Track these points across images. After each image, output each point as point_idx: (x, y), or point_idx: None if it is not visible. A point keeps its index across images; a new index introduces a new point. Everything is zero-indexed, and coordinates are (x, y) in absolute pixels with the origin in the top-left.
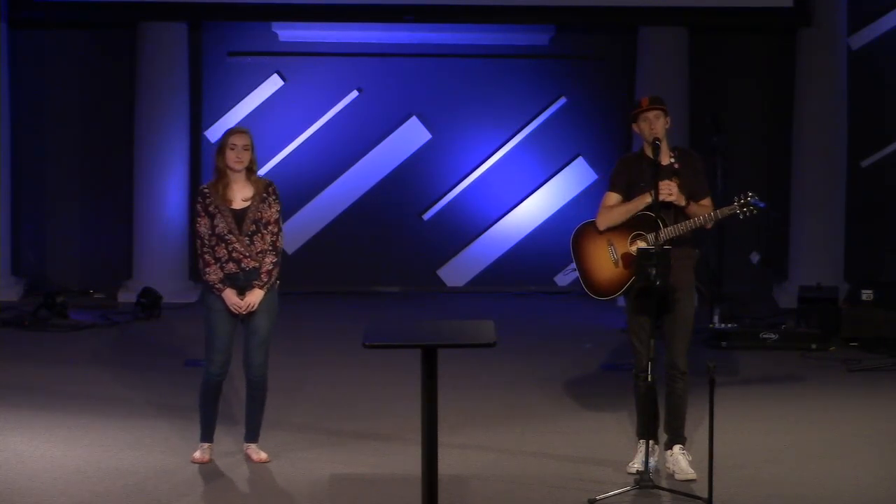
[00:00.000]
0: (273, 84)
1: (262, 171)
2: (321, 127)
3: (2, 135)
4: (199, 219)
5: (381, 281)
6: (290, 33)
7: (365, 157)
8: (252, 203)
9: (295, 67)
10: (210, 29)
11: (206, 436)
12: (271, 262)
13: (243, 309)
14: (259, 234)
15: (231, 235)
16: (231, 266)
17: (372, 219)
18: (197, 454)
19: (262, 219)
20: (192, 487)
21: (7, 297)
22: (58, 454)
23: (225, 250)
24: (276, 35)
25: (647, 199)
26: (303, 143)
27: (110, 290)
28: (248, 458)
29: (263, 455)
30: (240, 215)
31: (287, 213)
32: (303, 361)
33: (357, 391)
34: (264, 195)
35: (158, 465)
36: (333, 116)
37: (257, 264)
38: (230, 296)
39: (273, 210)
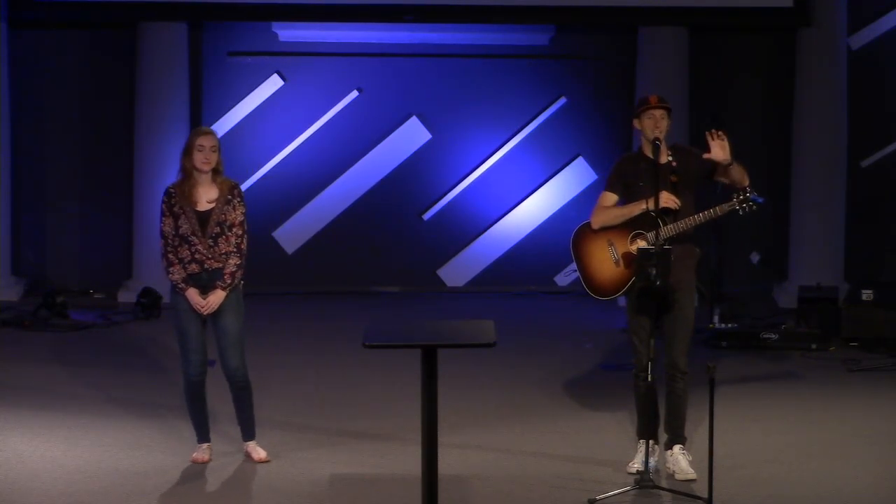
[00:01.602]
0: (273, 84)
1: (261, 172)
2: (321, 127)
3: (2, 135)
4: (163, 218)
5: (381, 281)
6: (290, 33)
7: (365, 157)
8: (217, 205)
9: (295, 67)
10: (210, 29)
11: (202, 436)
12: (234, 265)
13: (204, 310)
14: (223, 237)
15: (194, 237)
16: (194, 267)
17: (372, 219)
18: (196, 454)
19: (226, 221)
20: (191, 487)
21: (7, 297)
22: (58, 454)
23: (188, 251)
24: (276, 35)
25: (643, 205)
26: (303, 143)
27: (110, 290)
28: (247, 456)
29: (263, 453)
30: (204, 217)
31: (287, 213)
32: (303, 361)
33: (357, 391)
34: (229, 197)
35: (158, 464)
36: (333, 116)
37: (221, 265)
38: (193, 295)
39: (238, 212)
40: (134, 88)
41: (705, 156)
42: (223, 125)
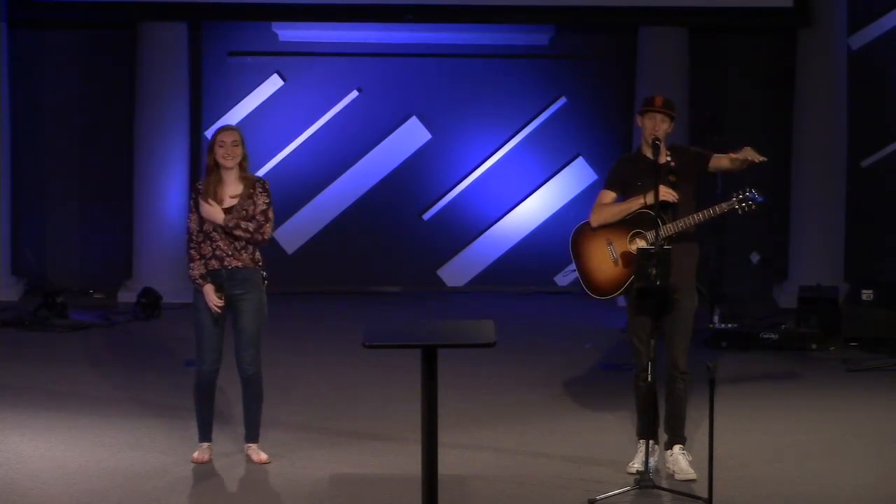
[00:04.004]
0: (273, 84)
1: (261, 172)
2: (321, 127)
3: (2, 135)
4: (190, 214)
5: (381, 281)
6: (290, 33)
7: (365, 157)
8: (239, 201)
9: (295, 67)
10: (210, 29)
11: (204, 435)
12: (246, 228)
13: (219, 218)
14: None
15: (216, 233)
16: (214, 263)
17: (372, 219)
18: (196, 454)
19: (247, 216)
20: (191, 487)
21: (7, 297)
22: (58, 454)
23: (210, 247)
24: (276, 35)
25: (641, 200)
26: (303, 143)
27: (110, 290)
28: (248, 458)
29: (264, 456)
30: (225, 213)
31: (287, 213)
32: (303, 361)
33: (357, 391)
34: (251, 191)
35: (158, 464)
36: (333, 116)
37: (240, 263)
38: (209, 291)
39: (260, 202)
40: (134, 88)
41: (731, 155)
42: (223, 125)
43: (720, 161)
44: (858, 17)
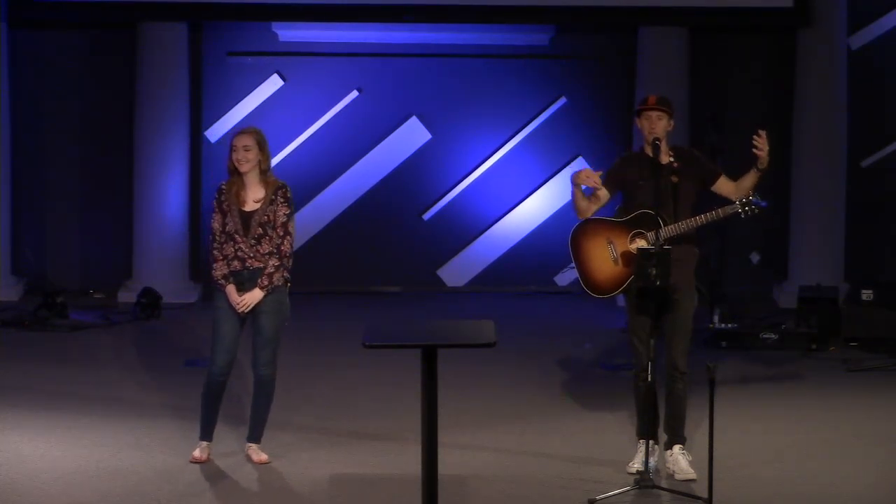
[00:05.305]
0: (273, 84)
1: None
2: (321, 127)
3: (2, 135)
4: (213, 215)
5: (381, 281)
6: (290, 33)
7: (365, 157)
8: (261, 206)
9: (295, 67)
10: (210, 29)
11: (205, 434)
12: (273, 266)
13: (240, 307)
14: (266, 237)
15: (238, 236)
16: (236, 264)
17: (372, 219)
18: (196, 453)
19: (269, 222)
20: (191, 487)
21: (7, 297)
22: (58, 454)
23: (232, 249)
24: (276, 35)
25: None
26: (303, 143)
27: (110, 290)
28: (248, 458)
29: (264, 456)
30: (247, 217)
31: None
32: (303, 361)
33: (357, 391)
34: (272, 198)
35: (159, 465)
36: (333, 116)
37: (262, 265)
38: (231, 291)
39: (280, 213)
40: (134, 88)
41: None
42: (223, 125)
43: (724, 186)
44: (858, 17)
